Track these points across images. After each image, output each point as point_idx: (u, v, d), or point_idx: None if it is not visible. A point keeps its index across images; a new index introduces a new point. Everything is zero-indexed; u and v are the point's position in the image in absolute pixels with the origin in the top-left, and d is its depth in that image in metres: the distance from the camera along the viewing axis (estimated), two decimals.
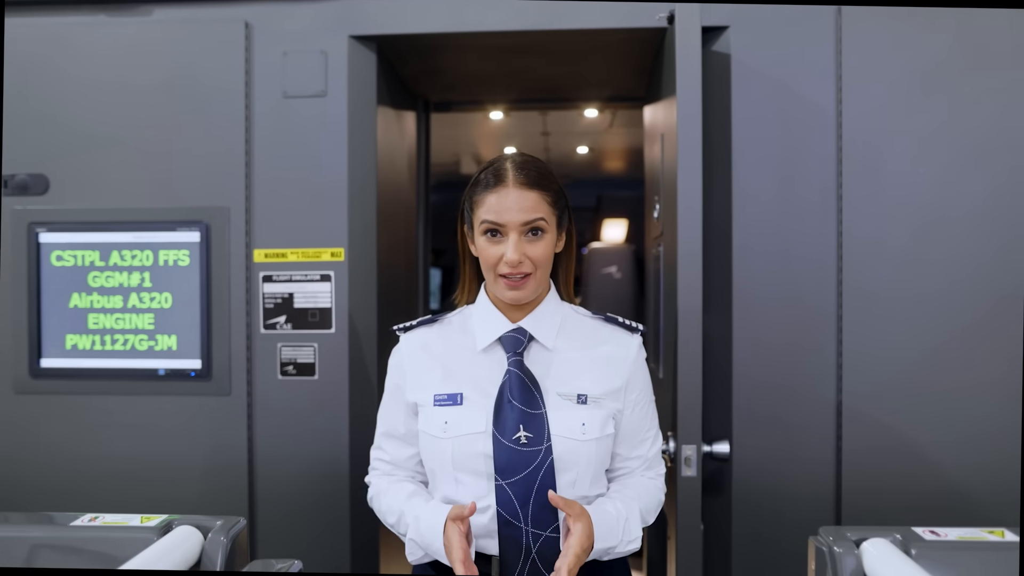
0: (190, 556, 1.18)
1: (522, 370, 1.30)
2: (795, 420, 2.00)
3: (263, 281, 2.11)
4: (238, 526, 1.26)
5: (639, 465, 1.37)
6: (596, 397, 1.30)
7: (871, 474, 1.96)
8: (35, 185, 2.14)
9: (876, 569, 1.11)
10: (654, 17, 1.98)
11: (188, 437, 2.12)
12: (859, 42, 1.99)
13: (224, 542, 1.21)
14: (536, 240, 1.27)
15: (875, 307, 1.99)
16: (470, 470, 1.27)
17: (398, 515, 1.32)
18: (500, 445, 1.25)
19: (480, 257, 1.30)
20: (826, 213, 2.01)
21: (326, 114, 2.10)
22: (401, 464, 1.38)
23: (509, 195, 1.26)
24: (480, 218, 1.28)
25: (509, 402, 1.27)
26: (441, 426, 1.28)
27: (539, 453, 1.24)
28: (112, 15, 2.12)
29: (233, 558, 1.22)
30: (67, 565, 1.16)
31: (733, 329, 2.03)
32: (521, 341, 1.31)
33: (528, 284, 1.27)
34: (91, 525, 1.26)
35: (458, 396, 1.30)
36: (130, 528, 1.23)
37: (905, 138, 1.98)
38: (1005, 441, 1.90)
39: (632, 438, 1.36)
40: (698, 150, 1.79)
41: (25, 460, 2.14)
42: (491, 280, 1.30)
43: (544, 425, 1.26)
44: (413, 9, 2.08)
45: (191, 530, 1.21)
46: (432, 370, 1.33)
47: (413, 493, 1.34)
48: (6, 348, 2.14)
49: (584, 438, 1.27)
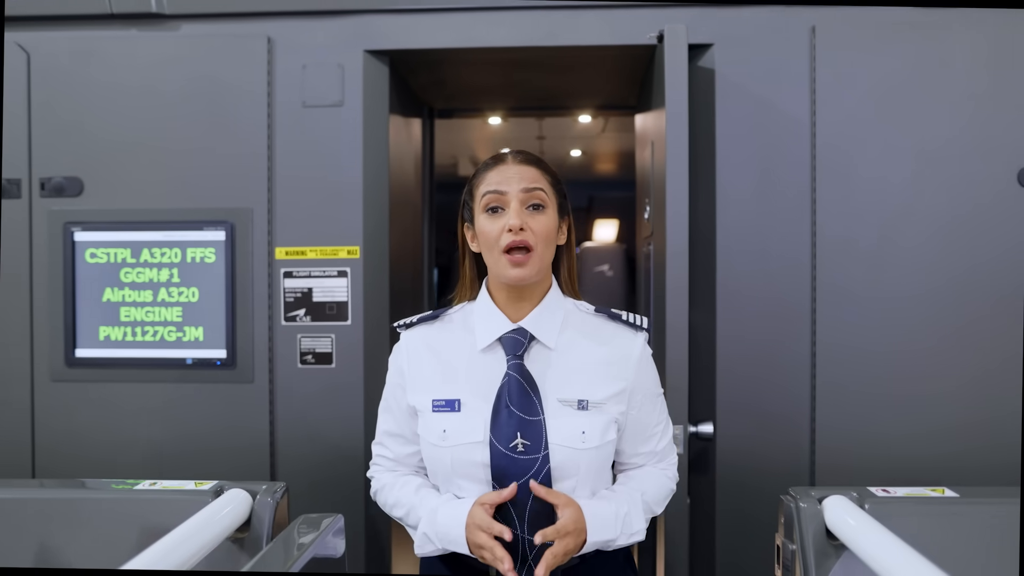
0: (242, 514, 1.35)
1: (521, 374, 1.27)
2: (773, 405, 2.19)
3: (284, 277, 2.28)
4: (281, 489, 1.43)
5: (648, 460, 1.36)
6: (597, 402, 1.28)
7: (840, 453, 2.15)
8: (70, 187, 2.30)
9: (835, 520, 1.29)
10: (645, 35, 2.16)
11: (214, 421, 2.28)
12: (831, 58, 2.18)
13: (271, 503, 1.38)
14: (537, 214, 1.27)
15: (845, 302, 2.18)
16: (469, 477, 1.26)
17: (408, 508, 1.31)
18: (497, 452, 1.23)
19: (481, 238, 1.29)
20: (801, 215, 2.20)
21: (342, 122, 2.27)
22: (403, 460, 1.38)
23: (510, 168, 1.29)
24: (481, 193, 1.29)
25: (507, 408, 1.25)
26: (439, 435, 1.27)
27: (536, 461, 1.23)
28: (143, 30, 2.28)
29: (276, 517, 1.39)
30: (138, 521, 1.32)
31: (717, 322, 2.21)
32: (521, 343, 1.29)
33: (531, 261, 1.25)
34: (153, 488, 1.42)
35: (456, 403, 1.28)
36: (187, 491, 1.40)
37: (873, 146, 2.17)
38: (954, 419, 2.11)
39: (639, 435, 1.34)
40: (685, 158, 1.97)
41: (61, 443, 2.29)
42: (493, 261, 1.28)
43: (542, 432, 1.24)
44: (423, 26, 2.25)
45: (242, 492, 1.38)
46: (432, 371, 1.32)
47: (421, 486, 1.33)
48: (43, 339, 2.29)
49: (584, 446, 1.25)
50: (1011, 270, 2.14)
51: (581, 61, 2.44)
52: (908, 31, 2.17)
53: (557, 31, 2.24)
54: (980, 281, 2.15)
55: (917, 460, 2.10)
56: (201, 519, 1.27)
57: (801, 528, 1.33)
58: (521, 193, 1.26)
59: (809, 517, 1.32)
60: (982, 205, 2.15)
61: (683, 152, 1.97)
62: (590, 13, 2.22)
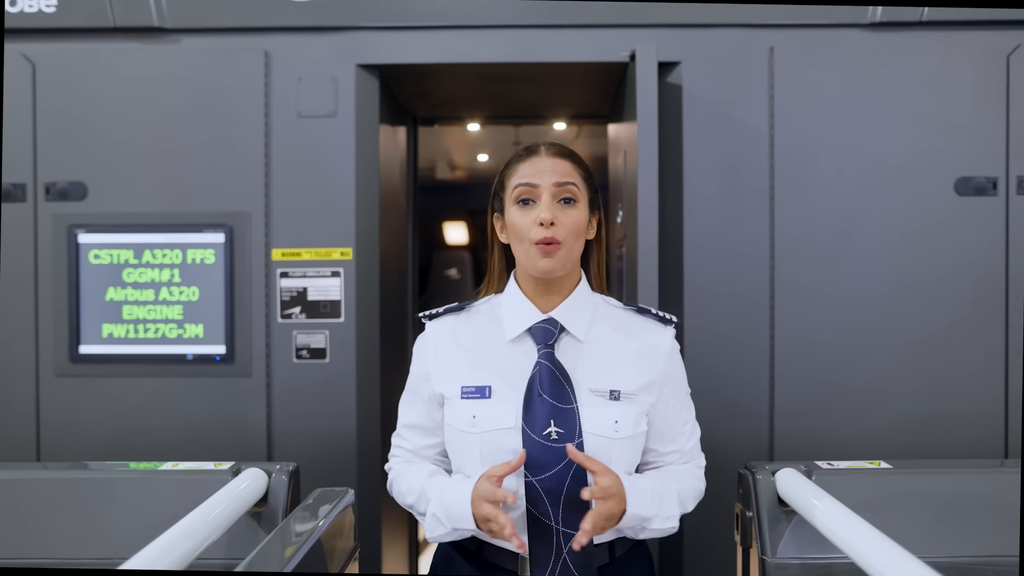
0: (260, 491, 1.49)
1: (553, 363, 1.25)
2: (735, 391, 2.38)
3: (280, 277, 2.42)
4: (293, 467, 1.57)
5: (676, 460, 1.35)
6: (629, 393, 1.26)
7: (795, 434, 2.35)
8: (74, 192, 2.41)
9: (786, 490, 1.48)
10: (618, 54, 2.34)
11: (214, 413, 2.41)
12: (788, 76, 2.38)
13: (285, 480, 1.53)
14: (568, 208, 1.26)
15: (801, 298, 2.38)
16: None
17: (418, 493, 1.30)
18: (530, 440, 1.21)
19: (511, 230, 1.28)
20: (761, 218, 2.39)
21: (335, 131, 2.42)
22: (421, 453, 1.36)
23: (543, 160, 1.28)
24: (513, 184, 1.28)
25: (539, 396, 1.23)
26: (469, 420, 1.25)
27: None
28: (145, 43, 2.40)
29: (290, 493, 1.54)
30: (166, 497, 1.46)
31: (684, 315, 2.40)
32: (552, 332, 1.27)
33: (559, 253, 1.24)
34: (176, 469, 1.57)
35: (486, 389, 1.26)
36: (208, 471, 1.54)
37: (826, 155, 2.38)
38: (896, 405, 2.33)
39: (668, 432, 1.32)
40: (655, 169, 2.16)
41: (65, 435, 2.40)
42: (523, 253, 1.27)
43: (576, 420, 1.22)
44: (412, 42, 2.41)
45: (258, 471, 1.52)
46: (460, 360, 1.30)
47: (434, 472, 1.32)
48: (48, 336, 2.41)
49: (617, 436, 1.23)
50: (949, 270, 2.36)
51: (557, 75, 2.61)
52: (858, 53, 2.38)
53: (536, 48, 2.41)
54: (922, 280, 2.36)
55: (863, 441, 2.31)
56: (224, 495, 1.42)
57: (757, 497, 1.51)
58: (553, 187, 1.25)
59: (764, 487, 1.51)
60: (923, 211, 2.37)
61: (653, 163, 2.15)
62: (567, 32, 2.40)
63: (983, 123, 2.36)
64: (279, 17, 2.39)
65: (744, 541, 1.57)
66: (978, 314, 2.36)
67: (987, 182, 2.36)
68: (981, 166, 2.36)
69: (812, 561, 1.47)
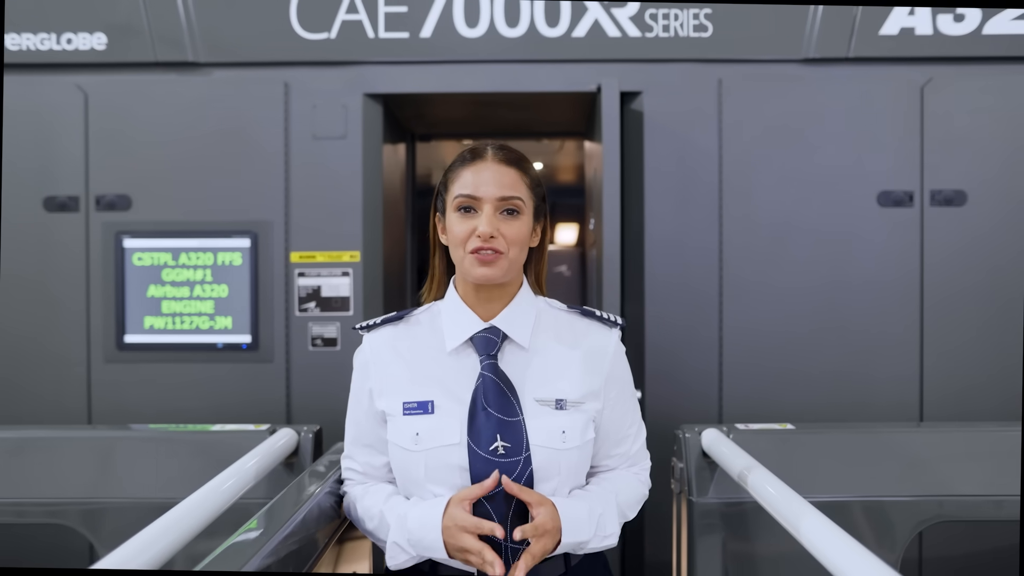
0: (292, 446, 1.88)
1: (497, 374, 1.21)
2: (689, 375, 2.78)
3: (298, 276, 2.81)
4: (317, 428, 1.96)
5: (621, 463, 1.32)
6: (575, 400, 1.23)
7: (741, 412, 2.74)
8: (120, 203, 2.80)
9: (708, 445, 1.86)
10: (587, 85, 2.73)
11: (240, 395, 2.80)
12: (734, 104, 2.77)
13: (311, 438, 1.91)
14: (511, 219, 1.20)
15: (745, 295, 2.77)
16: (445, 483, 1.19)
17: (378, 518, 1.24)
18: (476, 456, 1.17)
19: (449, 235, 1.22)
20: (711, 226, 2.79)
21: (345, 151, 2.80)
22: (373, 473, 1.31)
23: (487, 169, 1.20)
24: (454, 193, 1.21)
25: (484, 409, 1.19)
26: (412, 438, 1.20)
27: (518, 464, 1.17)
28: (181, 75, 2.79)
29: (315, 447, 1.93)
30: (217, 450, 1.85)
31: (645, 310, 2.79)
32: (495, 342, 1.23)
33: (500, 262, 1.18)
34: (224, 430, 1.96)
35: (428, 404, 1.21)
36: (249, 431, 1.93)
37: (766, 172, 2.77)
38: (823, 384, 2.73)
39: (613, 436, 1.29)
40: (617, 186, 2.55)
41: (113, 413, 2.79)
42: (459, 259, 1.21)
43: (522, 434, 1.18)
44: (411, 75, 2.80)
45: (290, 430, 1.91)
46: (399, 374, 1.24)
47: (392, 494, 1.26)
48: (98, 328, 2.79)
49: (565, 447, 1.19)
50: (872, 269, 2.76)
51: (538, 100, 3.00)
52: (794, 84, 2.77)
53: (518, 79, 2.80)
54: (848, 278, 2.76)
55: (798, 412, 2.70)
56: (264, 447, 1.80)
57: (686, 452, 1.90)
58: (496, 201, 1.19)
59: (691, 444, 1.89)
60: (850, 219, 2.76)
61: (615, 182, 2.55)
62: (544, 65, 2.79)
63: (901, 144, 2.76)
64: (297, 53, 2.77)
65: (678, 488, 1.96)
66: (896, 307, 2.75)
67: (904, 195, 2.76)
68: (899, 181, 2.76)
69: (728, 501, 1.86)
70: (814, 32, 2.73)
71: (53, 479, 1.85)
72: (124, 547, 1.08)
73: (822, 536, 1.14)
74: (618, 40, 2.76)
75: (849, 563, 1.03)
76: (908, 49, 2.74)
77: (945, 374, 2.74)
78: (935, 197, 2.75)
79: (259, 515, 1.25)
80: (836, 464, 1.90)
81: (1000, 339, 2.72)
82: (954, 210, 2.75)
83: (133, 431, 2.09)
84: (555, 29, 2.76)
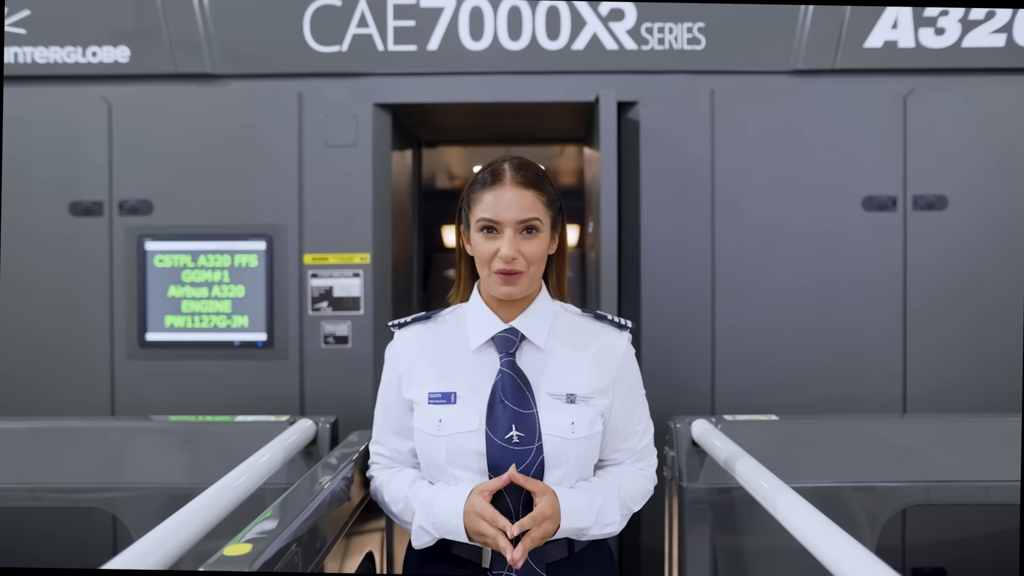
0: (310, 436, 2.02)
1: (514, 370, 1.32)
2: (683, 370, 2.92)
3: (311, 277, 2.95)
4: (334, 420, 2.10)
5: (627, 458, 1.42)
6: (585, 396, 1.33)
7: (732, 406, 2.88)
8: (142, 208, 2.94)
9: (698, 434, 2.00)
10: (586, 95, 2.87)
11: (256, 389, 2.94)
12: (726, 113, 2.91)
13: (328, 428, 2.05)
14: (530, 238, 1.30)
15: (737, 294, 2.91)
16: (464, 466, 1.30)
17: (403, 502, 1.35)
18: (493, 444, 1.28)
19: (475, 253, 1.34)
20: (703, 230, 2.93)
21: (356, 158, 2.95)
22: (400, 458, 1.42)
23: (506, 193, 1.30)
24: (477, 216, 1.31)
25: (502, 402, 1.30)
26: (435, 424, 1.31)
27: (530, 452, 1.28)
28: (201, 86, 2.93)
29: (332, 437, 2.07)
30: (240, 439, 1.99)
31: (642, 308, 2.93)
32: (513, 341, 1.34)
33: (521, 281, 1.31)
34: (247, 420, 2.10)
35: (452, 395, 1.33)
36: (271, 422, 2.07)
37: (757, 178, 2.91)
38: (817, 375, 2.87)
39: (621, 431, 1.40)
40: (614, 192, 2.69)
41: (135, 407, 2.93)
42: (485, 276, 1.34)
43: (535, 424, 1.29)
44: (418, 86, 2.94)
45: (309, 421, 2.05)
46: (426, 367, 1.36)
47: (417, 478, 1.37)
48: (121, 326, 2.94)
49: (573, 436, 1.30)
50: (857, 271, 2.90)
51: (539, 109, 3.14)
52: (783, 94, 2.91)
53: (519, 90, 2.94)
54: (834, 279, 2.90)
55: (787, 406, 2.84)
56: (284, 437, 1.93)
57: (677, 440, 2.04)
58: (516, 223, 1.30)
59: (682, 433, 2.03)
60: (835, 223, 2.90)
61: (612, 188, 2.69)
62: (545, 76, 2.93)
63: (885, 151, 2.89)
64: (310, 65, 2.92)
65: (670, 475, 2.10)
66: (881, 305, 2.89)
67: (888, 200, 2.90)
68: (883, 187, 2.90)
69: (716, 487, 2.00)
70: (802, 45, 2.87)
71: (96, 465, 2.00)
72: (169, 521, 1.20)
73: (797, 514, 1.28)
74: (615, 52, 2.90)
75: (820, 536, 1.16)
76: (891, 61, 2.88)
77: (927, 370, 2.88)
78: (917, 202, 2.89)
79: (274, 505, 1.32)
80: (816, 451, 2.04)
81: (979, 336, 2.86)
82: (935, 214, 2.89)
83: (162, 423, 2.23)
84: (555, 42, 2.90)
